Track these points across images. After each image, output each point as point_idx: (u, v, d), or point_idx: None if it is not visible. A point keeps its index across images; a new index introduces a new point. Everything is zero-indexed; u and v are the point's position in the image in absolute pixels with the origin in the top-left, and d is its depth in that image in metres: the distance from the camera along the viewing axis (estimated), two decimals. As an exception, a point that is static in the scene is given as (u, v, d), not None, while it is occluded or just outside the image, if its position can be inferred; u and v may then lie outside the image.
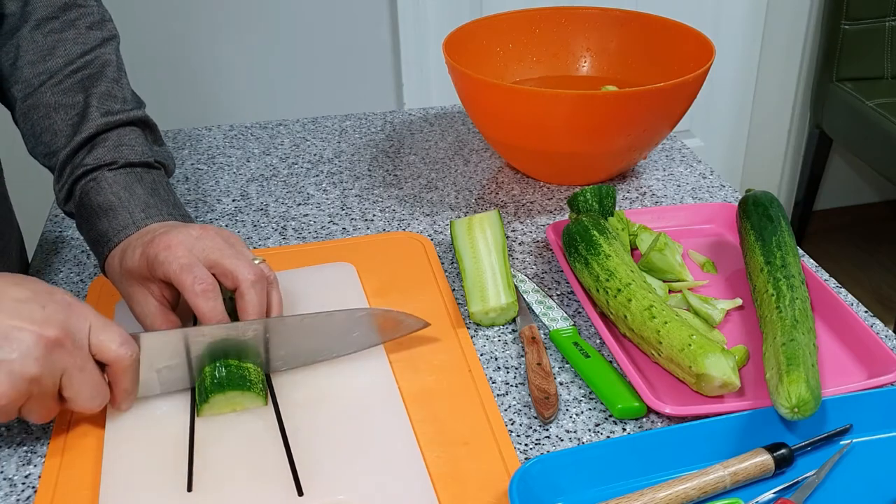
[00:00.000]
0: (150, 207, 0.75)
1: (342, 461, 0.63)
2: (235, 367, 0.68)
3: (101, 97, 0.79)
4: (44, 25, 0.80)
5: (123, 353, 0.63)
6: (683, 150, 1.12)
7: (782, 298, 0.72)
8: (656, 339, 0.70)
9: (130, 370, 0.64)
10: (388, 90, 2.17)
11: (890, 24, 2.26)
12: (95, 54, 0.82)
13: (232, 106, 2.08)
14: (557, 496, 0.60)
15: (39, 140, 0.79)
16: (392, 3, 2.05)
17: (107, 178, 0.76)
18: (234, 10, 1.98)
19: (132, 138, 0.79)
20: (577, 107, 0.92)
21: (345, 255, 0.88)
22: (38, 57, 0.80)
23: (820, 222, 2.70)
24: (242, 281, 0.68)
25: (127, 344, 0.63)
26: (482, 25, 1.11)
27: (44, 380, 0.59)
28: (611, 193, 0.86)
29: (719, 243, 0.90)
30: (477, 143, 1.15)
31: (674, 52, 1.06)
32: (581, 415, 0.69)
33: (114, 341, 0.62)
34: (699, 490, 0.59)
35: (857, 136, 2.24)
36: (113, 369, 0.63)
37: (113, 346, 0.62)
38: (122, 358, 0.63)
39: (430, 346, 0.75)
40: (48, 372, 0.59)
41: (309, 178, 1.06)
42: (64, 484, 0.62)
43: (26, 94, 0.80)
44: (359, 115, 1.23)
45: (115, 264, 0.73)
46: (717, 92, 2.41)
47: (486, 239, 0.84)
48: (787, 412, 0.62)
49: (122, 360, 0.63)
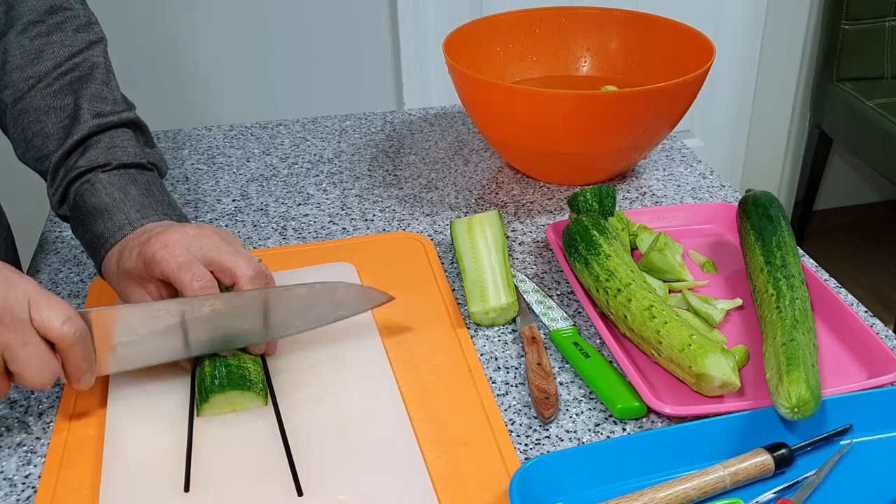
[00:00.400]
0: (146, 208, 0.75)
1: (342, 461, 0.63)
2: (236, 366, 0.68)
3: (92, 99, 0.79)
4: (30, 29, 0.80)
5: (67, 331, 0.62)
6: (683, 150, 1.12)
7: (782, 298, 0.72)
8: (656, 339, 0.70)
9: (77, 347, 0.63)
10: (388, 90, 2.17)
11: (890, 24, 2.25)
12: (83, 57, 0.81)
13: (232, 106, 2.08)
14: (557, 496, 0.60)
15: (31, 144, 0.79)
16: (392, 3, 2.05)
17: (101, 179, 0.75)
18: (235, 10, 1.98)
19: (124, 140, 0.79)
20: (577, 107, 0.92)
21: (345, 255, 0.88)
22: (25, 61, 0.79)
23: (820, 222, 2.70)
24: (241, 277, 0.68)
25: (70, 321, 0.62)
26: (482, 25, 1.11)
27: None
28: (611, 193, 0.86)
29: (719, 243, 0.90)
30: (477, 143, 1.15)
31: (674, 52, 1.06)
32: (581, 415, 0.69)
33: (57, 318, 0.61)
34: (699, 490, 0.59)
35: (857, 136, 2.24)
36: (59, 346, 0.62)
37: (56, 324, 0.61)
38: (65, 335, 0.62)
39: (430, 346, 0.75)
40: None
41: (309, 178, 1.06)
42: (64, 484, 0.62)
43: (16, 99, 0.79)
44: (359, 115, 1.24)
45: (111, 265, 0.73)
46: (717, 92, 2.41)
47: (486, 239, 0.84)
48: (787, 412, 0.62)
49: (65, 337, 0.62)
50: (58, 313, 0.62)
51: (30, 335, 0.61)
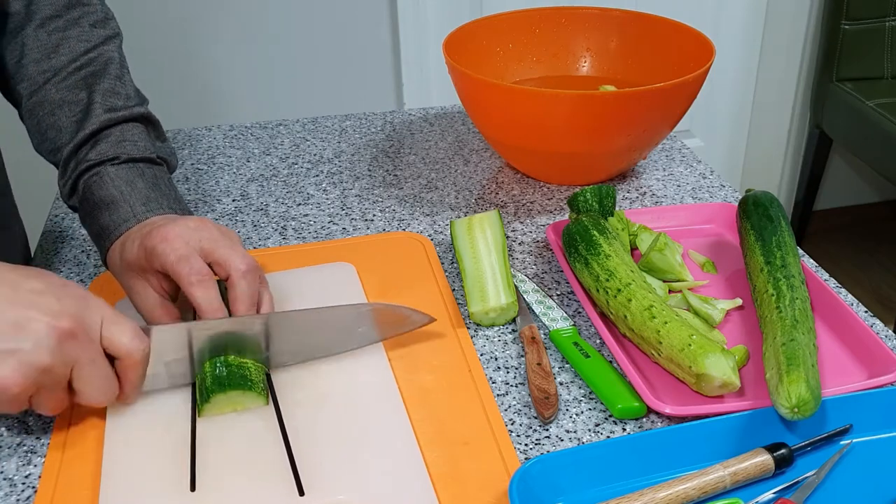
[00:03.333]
0: (151, 201, 0.76)
1: (343, 461, 0.63)
2: (236, 366, 0.68)
3: (105, 94, 0.81)
4: (48, 24, 0.82)
5: (135, 348, 0.63)
6: (683, 150, 1.12)
7: (782, 298, 0.72)
8: (656, 339, 0.70)
9: (141, 364, 0.65)
10: (388, 90, 2.17)
11: (890, 24, 2.25)
12: (99, 52, 0.83)
13: (232, 106, 2.08)
14: (557, 496, 0.60)
15: (45, 136, 0.81)
16: (392, 3, 2.05)
17: (109, 172, 0.77)
18: (235, 10, 1.98)
19: (134, 134, 0.80)
20: (577, 107, 0.92)
21: (345, 255, 0.88)
22: (42, 55, 0.81)
23: (820, 222, 2.70)
24: (234, 270, 0.69)
25: (139, 338, 0.64)
26: (482, 25, 1.11)
27: (55, 370, 0.60)
28: (611, 193, 0.86)
29: (719, 243, 0.90)
30: (477, 143, 1.15)
31: (674, 52, 1.06)
32: (581, 415, 0.69)
33: (125, 335, 0.63)
34: (699, 490, 0.59)
35: (857, 136, 2.24)
36: (124, 363, 0.64)
37: (125, 340, 0.63)
38: (133, 352, 0.63)
39: (430, 346, 0.75)
40: (60, 362, 0.60)
41: (309, 178, 1.06)
42: (64, 484, 0.62)
43: (31, 92, 0.81)
44: (359, 115, 1.24)
45: (115, 257, 0.74)
46: (717, 92, 2.41)
47: (486, 239, 0.84)
48: (787, 412, 0.62)
49: (133, 354, 0.63)
50: (127, 330, 0.63)
51: (99, 353, 0.62)
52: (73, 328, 0.60)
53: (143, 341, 0.64)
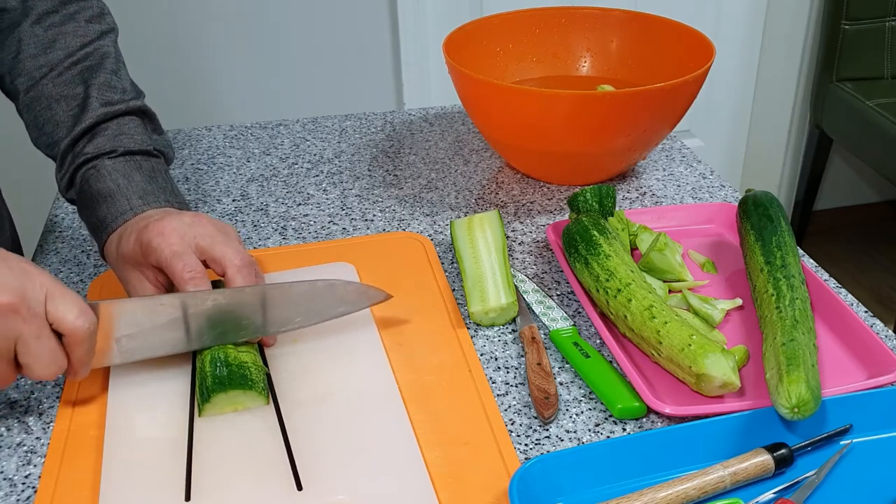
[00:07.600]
0: (148, 194, 0.76)
1: (342, 461, 0.63)
2: (237, 366, 0.68)
3: (101, 88, 0.81)
4: (44, 19, 0.82)
5: (80, 324, 0.63)
6: (683, 150, 1.12)
7: (782, 298, 0.72)
8: (656, 339, 0.70)
9: (87, 340, 0.64)
10: (388, 90, 2.17)
11: (890, 24, 2.25)
12: (95, 46, 0.83)
13: (232, 106, 2.08)
14: (557, 496, 0.60)
15: (42, 131, 0.81)
16: (392, 3, 2.05)
17: (106, 166, 0.77)
18: (235, 10, 1.98)
19: (131, 127, 0.81)
20: (577, 107, 0.92)
21: (345, 255, 0.88)
22: (39, 50, 0.81)
23: (820, 222, 2.70)
24: (229, 266, 0.70)
25: (84, 314, 0.63)
26: (482, 25, 1.11)
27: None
28: (611, 193, 0.86)
29: (719, 243, 0.90)
30: (477, 143, 1.15)
31: (674, 52, 1.06)
32: (581, 415, 0.69)
33: (71, 311, 0.62)
34: (699, 490, 0.59)
35: (857, 136, 2.24)
36: (69, 339, 0.63)
37: (70, 317, 0.62)
38: (77, 329, 0.63)
39: (430, 346, 0.75)
40: (1, 336, 0.60)
41: (309, 178, 1.06)
42: (64, 484, 0.62)
43: (29, 87, 0.81)
44: (359, 115, 1.24)
45: (112, 250, 0.75)
46: (717, 92, 2.41)
47: (486, 239, 0.84)
48: (787, 412, 0.62)
49: (77, 330, 0.63)
50: (72, 307, 0.62)
51: (43, 328, 0.62)
52: (14, 302, 0.59)
53: (88, 318, 0.63)
